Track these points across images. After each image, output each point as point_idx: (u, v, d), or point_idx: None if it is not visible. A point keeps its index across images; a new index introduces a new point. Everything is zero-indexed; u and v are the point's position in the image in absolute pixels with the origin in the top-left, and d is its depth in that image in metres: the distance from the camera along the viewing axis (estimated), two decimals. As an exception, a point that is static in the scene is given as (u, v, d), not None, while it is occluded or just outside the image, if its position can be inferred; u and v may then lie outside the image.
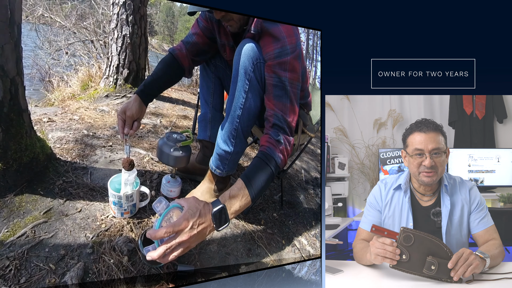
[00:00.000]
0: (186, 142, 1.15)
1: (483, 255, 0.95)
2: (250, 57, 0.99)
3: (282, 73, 1.01)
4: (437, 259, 0.93)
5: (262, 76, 1.02)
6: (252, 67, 1.00)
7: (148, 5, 2.30)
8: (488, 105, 2.12)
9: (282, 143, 1.02)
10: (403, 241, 0.95)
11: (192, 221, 0.79)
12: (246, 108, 1.04)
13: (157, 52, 3.48)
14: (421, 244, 0.94)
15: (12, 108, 0.99)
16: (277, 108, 1.03)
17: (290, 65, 1.02)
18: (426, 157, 1.06)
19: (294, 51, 1.02)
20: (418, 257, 0.94)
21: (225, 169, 1.15)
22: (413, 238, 0.94)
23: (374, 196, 1.18)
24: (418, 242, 0.94)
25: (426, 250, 0.94)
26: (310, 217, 1.51)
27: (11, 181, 1.01)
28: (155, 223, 0.82)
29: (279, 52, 1.00)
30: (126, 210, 1.05)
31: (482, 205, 1.10)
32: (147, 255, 0.77)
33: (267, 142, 1.01)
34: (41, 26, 2.31)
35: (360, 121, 2.10)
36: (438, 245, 0.94)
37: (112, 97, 2.04)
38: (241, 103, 1.03)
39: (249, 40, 1.02)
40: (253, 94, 1.03)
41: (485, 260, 0.95)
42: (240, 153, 1.15)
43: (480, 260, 0.94)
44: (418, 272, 0.94)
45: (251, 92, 1.02)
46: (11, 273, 0.83)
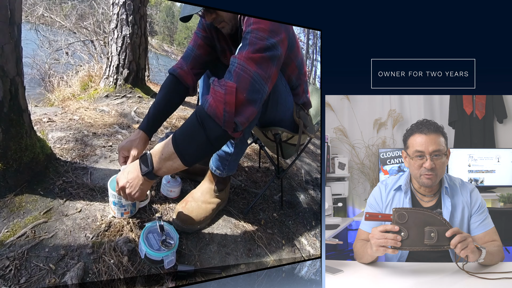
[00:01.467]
0: (186, 142, 1.15)
1: (479, 246, 0.96)
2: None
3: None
4: (435, 228, 0.93)
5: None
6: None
7: (148, 6, 2.30)
8: (488, 105, 2.12)
9: (215, 85, 0.86)
10: (398, 220, 0.95)
11: (124, 181, 0.95)
12: None
13: (157, 52, 3.47)
14: (415, 219, 0.95)
15: (12, 108, 0.99)
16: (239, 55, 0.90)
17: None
18: (427, 159, 1.06)
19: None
20: (416, 230, 0.94)
21: (225, 170, 1.15)
22: (407, 215, 0.95)
23: (374, 198, 1.18)
24: (412, 217, 0.95)
25: (421, 223, 0.95)
26: (310, 217, 1.51)
27: (11, 181, 1.01)
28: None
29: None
30: (126, 210, 1.05)
31: (483, 207, 1.10)
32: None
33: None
34: (41, 26, 2.31)
35: (360, 121, 2.10)
36: (431, 216, 0.95)
37: (112, 97, 2.04)
38: None
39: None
40: None
41: (481, 251, 0.95)
42: (240, 154, 1.15)
43: (476, 249, 0.94)
44: (420, 246, 0.94)
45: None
46: (11, 273, 0.83)
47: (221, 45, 1.16)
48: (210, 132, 0.84)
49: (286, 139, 1.24)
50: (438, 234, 0.93)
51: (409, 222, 0.95)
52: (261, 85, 0.89)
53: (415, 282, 0.95)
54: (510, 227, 1.71)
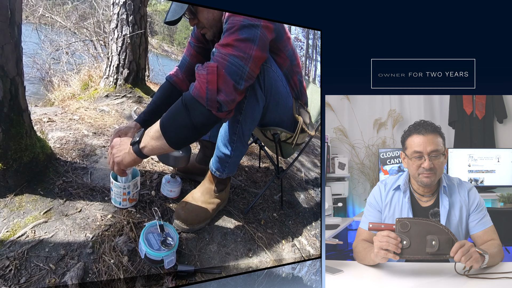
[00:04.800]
0: (186, 142, 1.15)
1: (481, 251, 0.96)
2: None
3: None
4: (437, 236, 0.94)
5: (264, 80, 1.02)
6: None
7: (148, 6, 2.30)
8: (488, 105, 2.12)
9: (199, 69, 0.90)
10: (400, 229, 0.96)
11: (117, 141, 1.00)
12: (247, 113, 1.03)
13: (157, 52, 3.47)
14: (418, 228, 0.96)
15: (12, 108, 1.00)
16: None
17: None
18: (425, 159, 1.07)
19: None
20: (418, 239, 0.95)
21: (225, 172, 1.16)
22: (409, 225, 0.96)
23: (374, 196, 1.18)
24: (414, 226, 0.96)
25: (424, 232, 0.96)
26: (310, 217, 1.51)
27: (11, 181, 1.01)
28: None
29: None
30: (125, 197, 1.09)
31: (481, 206, 1.11)
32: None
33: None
34: (42, 26, 2.31)
35: (360, 121, 2.10)
36: (433, 225, 0.96)
37: (112, 97, 2.04)
38: (242, 108, 1.02)
39: None
40: (254, 99, 1.02)
41: (484, 257, 0.95)
42: (240, 156, 1.15)
43: (479, 256, 0.94)
44: (422, 254, 0.95)
45: (251, 96, 1.01)
46: (11, 273, 0.83)
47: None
48: (193, 114, 0.89)
49: (285, 139, 1.24)
50: (440, 242, 0.94)
51: (411, 231, 0.96)
52: (239, 67, 0.91)
53: (416, 282, 0.95)
54: (510, 227, 1.71)
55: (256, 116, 1.06)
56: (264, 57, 0.98)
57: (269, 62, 1.04)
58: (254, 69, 0.95)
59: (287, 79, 1.16)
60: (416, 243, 0.95)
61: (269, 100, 1.06)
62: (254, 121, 1.06)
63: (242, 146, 1.10)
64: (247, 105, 1.02)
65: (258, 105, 1.04)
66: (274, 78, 1.05)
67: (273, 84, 1.05)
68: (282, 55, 1.12)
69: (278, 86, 1.08)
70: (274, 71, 1.05)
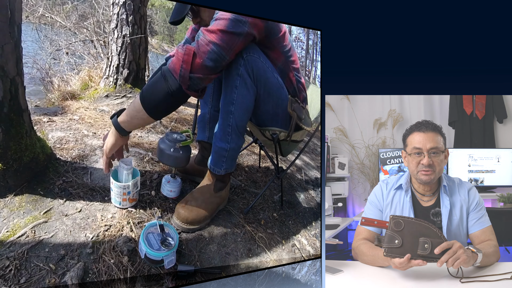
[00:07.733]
0: (186, 142, 1.15)
1: (475, 249, 0.95)
2: (240, 52, 1.01)
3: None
4: (430, 239, 0.93)
5: (252, 70, 1.04)
6: (242, 61, 1.02)
7: (148, 6, 2.30)
8: (488, 105, 2.12)
9: (179, 48, 0.99)
10: (393, 227, 0.95)
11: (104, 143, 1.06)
12: (239, 103, 1.05)
13: (157, 52, 3.47)
14: (411, 228, 0.95)
15: (12, 108, 0.99)
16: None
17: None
18: (425, 155, 1.08)
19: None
20: (410, 240, 0.94)
21: (223, 167, 1.16)
22: (403, 224, 0.95)
23: (375, 195, 1.19)
24: (408, 226, 0.95)
25: (417, 233, 0.94)
26: (310, 217, 1.51)
27: (11, 181, 1.01)
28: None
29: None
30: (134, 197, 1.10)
31: (481, 205, 1.11)
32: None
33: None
34: (42, 26, 2.31)
35: (360, 121, 2.11)
36: (427, 227, 0.95)
37: (112, 97, 2.03)
38: (233, 98, 1.04)
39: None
40: (244, 88, 1.04)
41: (477, 255, 0.95)
42: (237, 149, 1.15)
43: (471, 254, 0.94)
44: (412, 256, 0.93)
45: (242, 86, 1.03)
46: (11, 273, 0.83)
47: None
48: (170, 83, 0.97)
49: (284, 138, 1.24)
50: (432, 246, 0.92)
51: (404, 231, 0.95)
52: (221, 55, 0.97)
53: (415, 282, 0.95)
54: (510, 227, 1.72)
55: (249, 106, 1.07)
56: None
57: (256, 53, 1.06)
58: (232, 57, 1.01)
59: (283, 75, 1.18)
60: (408, 243, 0.94)
61: (260, 89, 1.08)
62: (246, 111, 1.08)
63: (237, 137, 1.11)
64: (238, 95, 1.04)
65: (249, 93, 1.06)
66: (263, 69, 1.07)
67: (262, 74, 1.07)
68: (276, 50, 1.14)
69: (268, 77, 1.09)
70: (262, 62, 1.07)
